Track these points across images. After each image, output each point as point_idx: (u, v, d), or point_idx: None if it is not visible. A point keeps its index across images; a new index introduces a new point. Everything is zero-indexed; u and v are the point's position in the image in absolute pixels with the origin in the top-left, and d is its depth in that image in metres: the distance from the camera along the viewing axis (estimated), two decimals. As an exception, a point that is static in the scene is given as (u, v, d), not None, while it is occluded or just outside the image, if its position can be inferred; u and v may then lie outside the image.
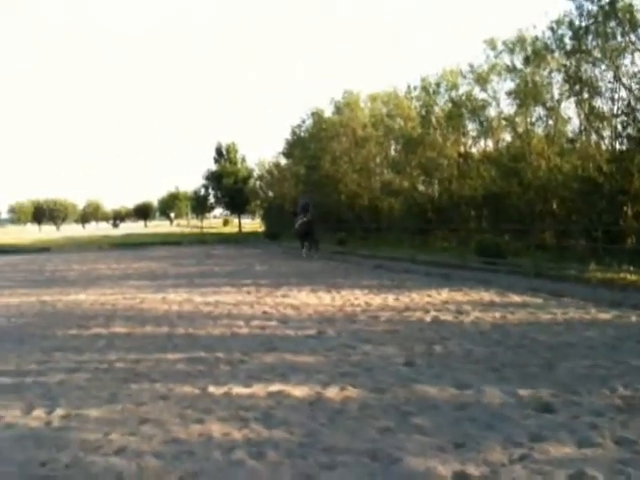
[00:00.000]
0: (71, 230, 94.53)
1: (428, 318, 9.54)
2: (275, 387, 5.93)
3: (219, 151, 55.57)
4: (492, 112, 22.65)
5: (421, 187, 27.34)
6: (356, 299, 11.84)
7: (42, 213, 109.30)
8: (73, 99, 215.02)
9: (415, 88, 26.79)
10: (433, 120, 24.80)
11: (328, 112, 35.37)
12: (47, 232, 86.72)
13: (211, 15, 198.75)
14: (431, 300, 11.43)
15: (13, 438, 4.82)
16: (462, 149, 24.41)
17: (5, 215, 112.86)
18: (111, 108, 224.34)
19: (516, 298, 11.35)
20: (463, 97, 23.39)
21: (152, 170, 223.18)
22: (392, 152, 30.64)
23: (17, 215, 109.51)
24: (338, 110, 34.02)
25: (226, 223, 79.87)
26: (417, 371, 6.41)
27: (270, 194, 46.74)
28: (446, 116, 24.07)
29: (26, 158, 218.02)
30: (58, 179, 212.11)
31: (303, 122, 37.82)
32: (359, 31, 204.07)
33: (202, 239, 42.71)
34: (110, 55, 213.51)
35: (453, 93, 24.18)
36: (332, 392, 5.74)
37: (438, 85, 24.94)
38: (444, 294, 12.14)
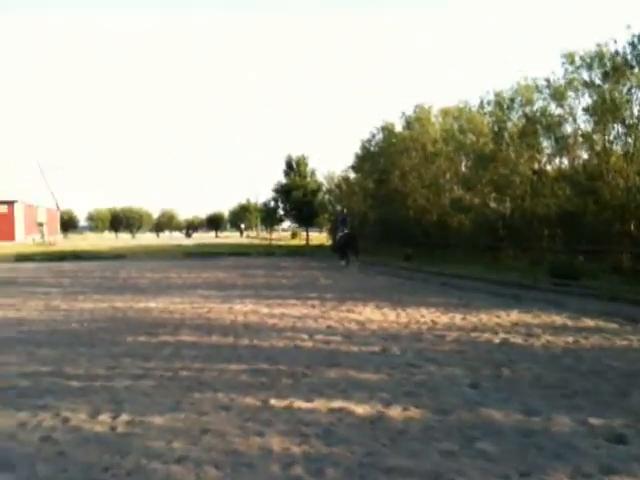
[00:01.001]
0: (145, 238, 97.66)
1: (496, 340, 9.26)
2: (337, 403, 5.87)
3: (289, 164, 56.22)
4: (568, 129, 21.98)
5: (492, 204, 26.76)
6: (422, 317, 11.65)
7: (119, 221, 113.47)
8: (151, 111, 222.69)
9: (488, 103, 26.36)
10: (506, 136, 24.28)
11: (399, 126, 35.31)
12: (123, 240, 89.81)
13: (282, 28, 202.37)
14: (500, 321, 11.12)
15: (78, 442, 4.95)
16: (536, 166, 23.74)
17: (84, 222, 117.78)
18: (187, 121, 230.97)
19: (590, 322, 10.88)
20: (538, 113, 22.81)
21: (225, 181, 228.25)
22: (463, 168, 30.17)
23: (95, 223, 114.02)
24: (409, 125, 33.85)
25: (294, 236, 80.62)
26: (483, 394, 6.21)
27: (338, 208, 46.88)
28: (520, 132, 23.50)
29: (106, 167, 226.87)
30: (135, 189, 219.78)
31: (373, 136, 37.84)
32: (431, 44, 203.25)
33: (270, 251, 43.17)
34: (188, 68, 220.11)
35: (527, 109, 23.62)
36: (395, 411, 5.63)
37: (512, 100, 24.39)
38: (514, 315, 11.79)
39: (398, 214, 32.59)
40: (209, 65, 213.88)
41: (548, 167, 23.76)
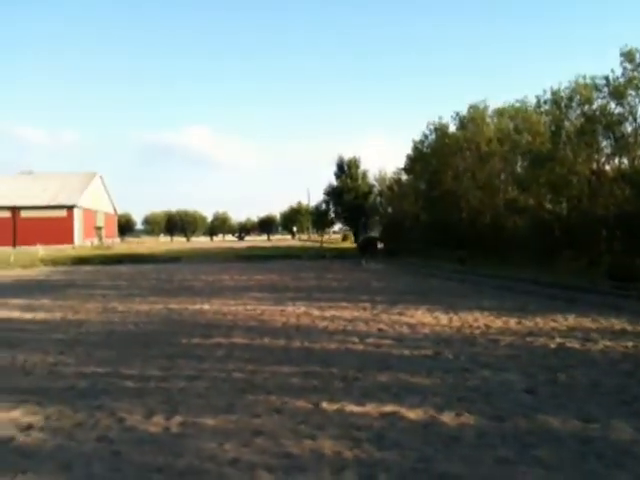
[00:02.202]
0: (200, 241, 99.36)
1: (552, 344, 9.03)
2: (389, 407, 5.83)
3: (340, 167, 56.17)
4: (628, 128, 21.29)
5: (548, 205, 26.10)
6: (475, 321, 11.46)
7: (174, 224, 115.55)
8: (205, 113, 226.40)
9: (545, 102, 25.76)
10: (563, 135, 23.69)
11: (452, 127, 34.92)
12: (178, 243, 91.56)
13: (333, 28, 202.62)
14: (556, 325, 10.84)
15: (133, 442, 5.06)
16: (594, 166, 23.06)
17: (140, 226, 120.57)
18: (240, 124, 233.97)
19: (652, 327, 10.50)
20: (597, 112, 22.18)
21: (277, 184, 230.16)
22: (518, 168, 29.56)
23: (151, 226, 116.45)
24: (462, 125, 33.44)
25: (345, 238, 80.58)
26: (539, 400, 6.06)
27: (389, 210, 46.66)
28: (578, 131, 22.90)
29: (161, 170, 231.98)
30: (190, 192, 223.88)
31: (426, 137, 37.45)
32: (483, 44, 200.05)
33: (321, 253, 43.27)
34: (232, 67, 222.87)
35: (586, 107, 22.98)
36: (448, 417, 5.56)
37: (570, 99, 23.77)
38: (570, 319, 11.47)
39: (451, 215, 32.19)
40: (255, 63, 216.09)
41: (607, 167, 23.04)
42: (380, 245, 44.48)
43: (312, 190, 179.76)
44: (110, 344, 9.53)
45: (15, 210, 64.15)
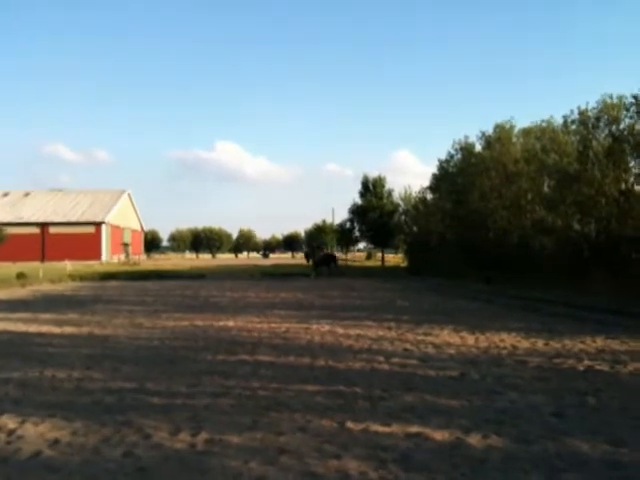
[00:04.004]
0: (225, 258, 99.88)
1: (581, 367, 8.89)
2: (414, 428, 5.78)
3: (365, 185, 56.26)
4: (657, 147, 21.01)
5: (576, 225, 25.79)
6: (502, 341, 11.33)
7: (199, 241, 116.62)
8: (229, 130, 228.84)
9: (573, 122, 25.59)
10: (591, 155, 23.44)
11: (478, 146, 34.80)
12: (203, 259, 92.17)
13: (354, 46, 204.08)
14: (584, 347, 10.66)
15: (159, 459, 5.08)
16: (623, 186, 22.76)
17: (166, 242, 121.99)
18: (266, 142, 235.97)
19: (683, 350, 10.28)
20: (625, 131, 21.96)
21: (302, 202, 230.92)
22: (545, 188, 29.30)
23: (177, 243, 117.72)
24: (488, 144, 33.31)
25: (369, 256, 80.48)
26: (568, 423, 5.96)
27: (414, 229, 46.44)
28: (606, 151, 22.66)
29: (188, 187, 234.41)
30: (216, 209, 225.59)
31: (451, 156, 37.39)
32: (509, 63, 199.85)
33: (345, 271, 43.22)
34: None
35: (614, 127, 22.77)
36: (474, 439, 5.49)
37: (598, 119, 23.58)
38: (599, 341, 11.29)
39: (477, 235, 31.93)
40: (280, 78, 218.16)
41: (636, 187, 22.74)
42: (404, 264, 44.38)
43: (337, 209, 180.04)
44: (136, 360, 9.61)
45: (44, 226, 65.32)
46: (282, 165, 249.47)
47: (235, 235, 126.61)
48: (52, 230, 65.24)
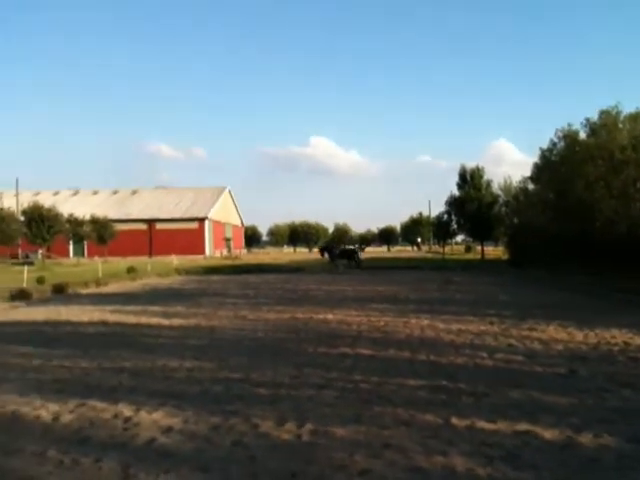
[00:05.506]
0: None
1: (703, 366, 8.33)
2: (522, 426, 5.63)
3: (463, 176, 54.81)
4: None
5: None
6: (613, 338, 10.79)
7: (297, 236, 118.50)
8: (326, 125, 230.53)
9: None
10: None
11: (582, 134, 33.19)
12: (301, 253, 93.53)
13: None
14: None
15: (267, 447, 5.23)
16: None
17: (265, 237, 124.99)
18: (360, 137, 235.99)
19: None
20: None
21: (398, 195, 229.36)
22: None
23: (275, 237, 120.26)
24: (593, 132, 31.72)
25: (468, 250, 78.73)
26: (689, 425, 5.62)
27: (515, 220, 44.95)
28: None
29: (285, 182, 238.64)
30: (313, 203, 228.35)
31: (554, 145, 35.84)
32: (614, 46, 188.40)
33: (443, 265, 42.56)
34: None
35: None
36: (586, 438, 5.29)
37: None
38: None
39: (581, 226, 30.51)
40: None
41: None
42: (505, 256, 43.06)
43: (434, 201, 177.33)
44: (241, 351, 9.92)
45: (151, 222, 68.47)
46: (372, 158, 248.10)
47: (331, 229, 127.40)
48: (158, 226, 68.32)
